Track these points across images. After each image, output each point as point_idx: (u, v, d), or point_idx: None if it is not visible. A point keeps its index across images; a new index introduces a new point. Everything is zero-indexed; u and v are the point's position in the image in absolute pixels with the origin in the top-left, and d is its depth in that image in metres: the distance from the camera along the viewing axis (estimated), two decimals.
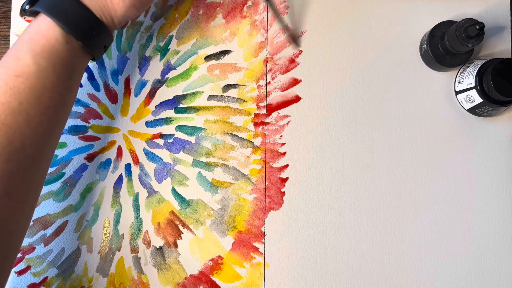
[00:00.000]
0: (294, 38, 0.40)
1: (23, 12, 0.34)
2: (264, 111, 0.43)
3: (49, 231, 0.43)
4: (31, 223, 0.43)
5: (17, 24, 0.45)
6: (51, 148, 0.34)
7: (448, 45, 0.39)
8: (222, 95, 0.43)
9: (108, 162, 0.43)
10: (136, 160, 0.43)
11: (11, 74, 0.31)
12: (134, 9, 0.36)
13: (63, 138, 0.44)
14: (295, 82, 0.43)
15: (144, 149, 0.43)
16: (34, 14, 0.34)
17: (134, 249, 0.42)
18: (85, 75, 0.44)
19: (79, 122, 0.44)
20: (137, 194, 0.43)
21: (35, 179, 0.33)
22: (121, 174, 0.43)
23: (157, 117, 0.44)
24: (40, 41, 0.32)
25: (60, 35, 0.33)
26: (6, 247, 0.31)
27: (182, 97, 0.44)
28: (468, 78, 0.40)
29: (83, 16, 0.33)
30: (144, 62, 0.44)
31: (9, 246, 0.31)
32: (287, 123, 0.43)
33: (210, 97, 0.43)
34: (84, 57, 0.35)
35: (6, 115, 0.30)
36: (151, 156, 0.43)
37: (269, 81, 0.43)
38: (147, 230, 0.42)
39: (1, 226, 0.30)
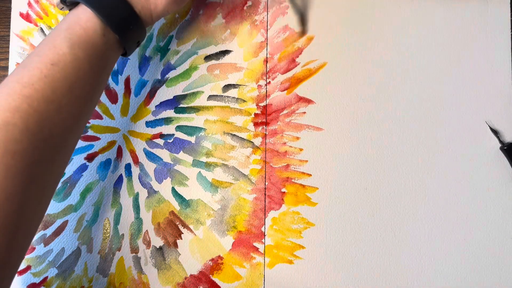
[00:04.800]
0: (303, 20, 0.40)
1: (63, 2, 0.35)
2: (264, 111, 0.43)
3: (49, 231, 0.43)
4: None
5: (17, 24, 0.45)
6: (75, 141, 0.34)
7: None
8: (222, 95, 0.43)
9: (108, 162, 0.43)
10: (136, 160, 0.43)
11: (47, 62, 0.31)
12: (175, 4, 0.36)
13: None
14: (295, 82, 0.43)
15: (144, 149, 0.43)
16: (74, 4, 0.34)
17: (134, 249, 0.42)
18: None
19: None
20: (137, 194, 0.43)
21: (57, 170, 0.33)
22: (121, 174, 0.43)
23: (157, 117, 0.44)
24: (78, 31, 0.32)
25: (99, 27, 0.33)
26: (24, 236, 0.30)
27: (182, 97, 0.44)
28: None
29: (123, 9, 0.34)
30: (144, 62, 0.44)
31: (26, 235, 0.31)
32: (288, 123, 0.43)
33: (210, 97, 0.43)
34: (118, 51, 0.36)
35: (39, 103, 0.30)
36: (151, 156, 0.43)
37: (269, 81, 0.43)
38: (147, 230, 0.42)
39: (22, 212, 0.29)
